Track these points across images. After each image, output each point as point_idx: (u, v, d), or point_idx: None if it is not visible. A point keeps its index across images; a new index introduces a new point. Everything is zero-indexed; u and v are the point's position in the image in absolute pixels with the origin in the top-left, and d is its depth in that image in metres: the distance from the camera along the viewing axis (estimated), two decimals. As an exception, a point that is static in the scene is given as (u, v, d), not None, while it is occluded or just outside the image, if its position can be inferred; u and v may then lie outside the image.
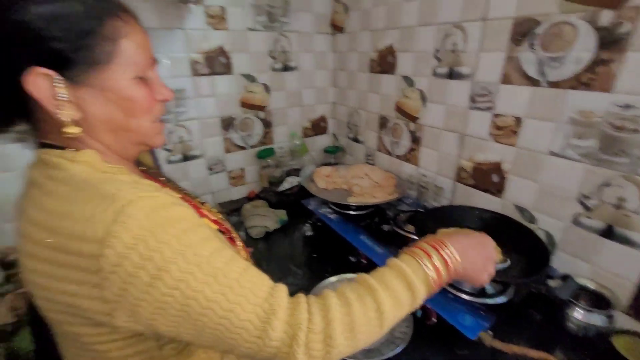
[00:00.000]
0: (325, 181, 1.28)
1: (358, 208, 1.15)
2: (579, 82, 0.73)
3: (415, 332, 0.76)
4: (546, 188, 0.85)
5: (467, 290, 0.79)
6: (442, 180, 1.14)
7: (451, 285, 0.80)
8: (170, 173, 1.26)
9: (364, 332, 0.43)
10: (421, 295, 0.47)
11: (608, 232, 0.75)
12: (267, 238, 1.19)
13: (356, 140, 1.54)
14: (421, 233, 0.86)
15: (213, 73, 1.25)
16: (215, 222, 0.59)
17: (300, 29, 1.40)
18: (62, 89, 0.41)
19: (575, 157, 0.77)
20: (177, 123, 1.23)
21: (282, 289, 0.44)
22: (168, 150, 1.24)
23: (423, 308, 0.77)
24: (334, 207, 1.18)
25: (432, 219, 0.89)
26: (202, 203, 0.67)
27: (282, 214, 1.26)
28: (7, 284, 0.95)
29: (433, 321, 0.76)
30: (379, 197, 1.14)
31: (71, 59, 0.41)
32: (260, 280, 0.43)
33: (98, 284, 0.37)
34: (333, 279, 0.93)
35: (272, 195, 1.40)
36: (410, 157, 1.25)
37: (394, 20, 1.16)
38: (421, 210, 1.13)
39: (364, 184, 1.26)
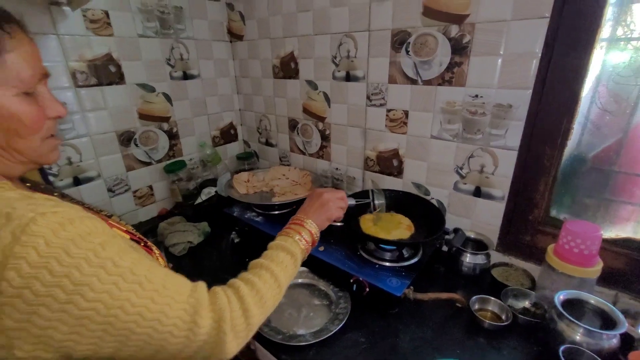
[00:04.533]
0: (246, 186, 1.28)
1: (281, 207, 1.20)
2: (443, 80, 0.95)
3: (353, 305, 0.86)
4: (432, 165, 1.05)
5: (388, 258, 0.93)
6: (353, 170, 1.28)
7: (376, 257, 0.93)
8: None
9: (270, 297, 0.53)
10: (299, 257, 0.62)
11: (477, 192, 0.99)
12: (192, 253, 1.13)
13: (268, 144, 1.58)
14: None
15: (102, 83, 1.12)
16: (126, 232, 0.57)
17: (197, 36, 1.37)
18: None
19: (449, 138, 0.99)
20: (63, 142, 1.06)
21: (202, 285, 0.48)
22: (53, 174, 1.05)
23: (357, 282, 0.87)
24: (258, 210, 1.20)
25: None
26: (109, 216, 0.63)
27: (204, 226, 1.22)
28: None
29: (367, 291, 0.86)
30: (300, 193, 1.21)
31: None
32: (181, 281, 0.47)
33: None
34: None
35: (188, 210, 1.33)
36: (322, 153, 1.36)
37: (291, 29, 1.25)
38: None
39: (284, 184, 1.32)
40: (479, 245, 1.00)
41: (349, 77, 1.15)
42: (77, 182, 1.12)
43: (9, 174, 0.46)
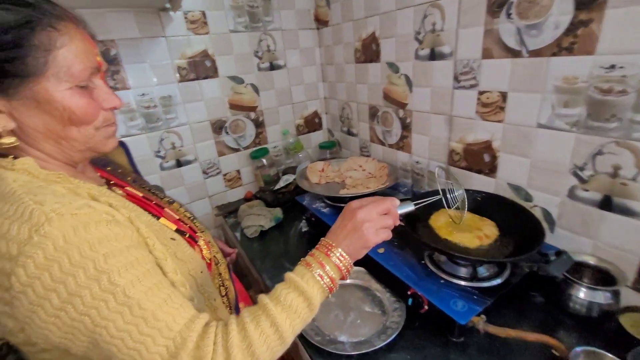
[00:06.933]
0: (319, 176, 1.26)
1: (351, 199, 1.13)
2: (560, 48, 0.69)
3: (407, 321, 0.74)
4: (538, 163, 0.80)
5: (461, 275, 0.76)
6: (436, 165, 1.10)
7: (444, 271, 0.77)
8: (165, 180, 1.28)
9: (265, 350, 0.43)
10: (317, 301, 0.48)
11: (606, 204, 0.71)
12: (263, 237, 1.19)
13: (350, 133, 1.52)
14: (410, 219, 0.83)
15: (199, 77, 1.26)
16: (176, 222, 0.58)
17: (284, 27, 1.40)
18: None
19: (564, 127, 0.73)
20: (168, 129, 1.25)
21: (200, 321, 0.43)
22: (161, 157, 1.26)
23: (414, 296, 0.75)
24: (328, 201, 1.16)
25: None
26: (171, 202, 0.66)
27: (277, 212, 1.26)
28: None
29: (425, 309, 0.73)
30: (372, 187, 1.12)
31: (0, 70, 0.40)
32: (179, 312, 0.42)
33: (9, 301, 0.37)
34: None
35: (268, 195, 1.40)
36: (402, 144, 1.22)
37: (373, 7, 1.13)
38: (409, 197, 1.10)
39: (357, 176, 1.24)
40: (603, 277, 0.72)
41: (433, 55, 0.98)
42: (179, 164, 1.31)
43: (72, 161, 0.50)
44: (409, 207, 0.62)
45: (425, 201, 0.68)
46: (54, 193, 0.42)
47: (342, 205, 1.12)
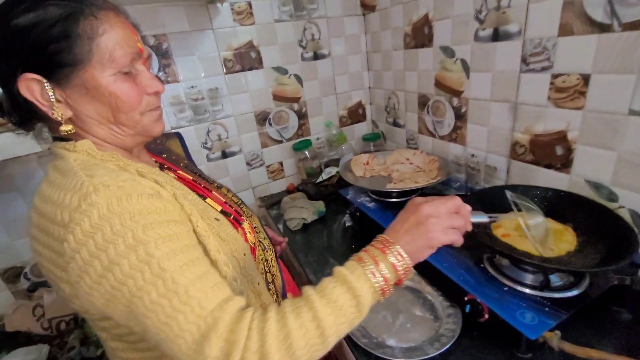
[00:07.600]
0: (363, 169, 1.21)
1: (400, 195, 1.07)
2: (667, 17, 0.58)
3: (464, 330, 0.68)
4: (627, 157, 0.69)
5: (527, 282, 0.68)
6: (494, 158, 1.00)
7: (506, 276, 0.69)
8: (211, 170, 1.31)
9: (303, 346, 0.39)
10: (366, 301, 0.43)
11: None
12: (305, 230, 1.17)
13: (396, 124, 1.44)
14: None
15: (244, 69, 1.26)
16: (222, 203, 0.59)
17: (329, 14, 1.35)
18: (51, 91, 0.44)
19: (668, 114, 0.61)
20: (214, 121, 1.27)
21: (234, 304, 0.40)
22: (207, 148, 1.29)
23: (472, 303, 0.68)
24: (373, 196, 1.11)
25: (479, 203, 0.78)
26: (219, 187, 0.67)
27: (319, 205, 1.23)
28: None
29: (485, 317, 0.66)
30: (421, 182, 1.04)
31: (53, 62, 0.43)
32: (213, 291, 0.40)
33: (64, 267, 0.40)
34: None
35: (310, 187, 1.38)
36: (456, 136, 1.13)
37: (427, -14, 1.05)
38: (468, 193, 1.01)
39: (404, 169, 1.17)
40: None
41: (497, 36, 0.87)
42: (225, 155, 1.33)
43: (125, 145, 0.53)
44: (482, 218, 0.54)
45: (499, 216, 0.62)
46: (105, 169, 0.45)
47: (389, 200, 1.07)
